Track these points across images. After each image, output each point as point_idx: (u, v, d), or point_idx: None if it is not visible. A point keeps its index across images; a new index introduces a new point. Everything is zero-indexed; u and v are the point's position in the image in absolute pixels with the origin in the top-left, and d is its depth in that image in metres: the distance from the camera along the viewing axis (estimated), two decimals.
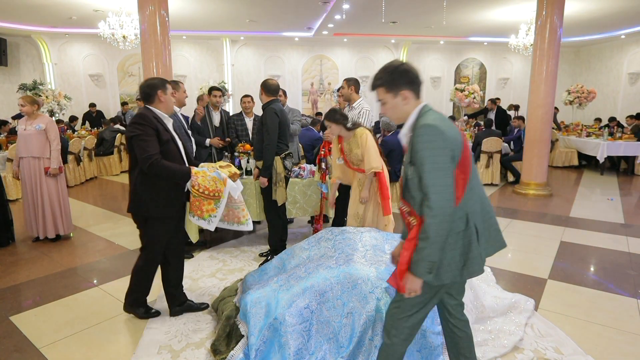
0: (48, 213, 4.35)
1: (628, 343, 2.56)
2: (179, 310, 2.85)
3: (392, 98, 1.69)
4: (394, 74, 1.67)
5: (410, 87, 1.67)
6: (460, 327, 1.90)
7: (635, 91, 11.63)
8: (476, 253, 1.65)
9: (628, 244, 4.31)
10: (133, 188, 2.58)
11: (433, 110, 1.68)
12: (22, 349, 2.51)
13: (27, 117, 4.30)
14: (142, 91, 2.61)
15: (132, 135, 2.49)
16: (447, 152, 1.56)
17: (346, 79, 4.15)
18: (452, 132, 1.60)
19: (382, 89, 1.70)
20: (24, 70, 11.04)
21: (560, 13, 6.16)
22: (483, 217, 1.70)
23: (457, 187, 1.59)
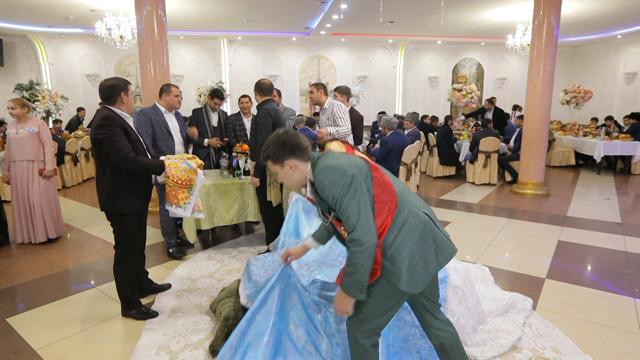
0: (39, 216, 4.30)
1: (626, 342, 2.56)
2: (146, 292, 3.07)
3: (281, 168, 1.76)
4: (275, 147, 1.72)
5: (293, 155, 1.72)
6: (442, 327, 1.88)
7: (631, 91, 11.69)
8: (440, 237, 1.68)
9: (625, 243, 4.33)
10: (107, 188, 2.63)
11: (324, 156, 1.72)
12: (19, 351, 2.50)
13: (17, 120, 4.25)
14: (104, 92, 2.61)
15: (102, 137, 2.51)
16: (355, 179, 1.60)
17: (314, 84, 4.23)
18: (346, 159, 1.66)
19: (270, 161, 1.77)
20: (20, 70, 10.99)
21: (557, 13, 6.18)
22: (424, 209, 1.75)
23: (387, 196, 1.65)
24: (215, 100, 4.69)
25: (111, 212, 2.71)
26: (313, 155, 1.76)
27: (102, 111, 2.64)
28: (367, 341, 1.78)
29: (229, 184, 4.02)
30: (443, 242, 1.68)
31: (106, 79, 2.68)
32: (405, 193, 1.74)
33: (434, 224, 1.69)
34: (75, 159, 7.58)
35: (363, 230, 1.57)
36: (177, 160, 2.75)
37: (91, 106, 11.32)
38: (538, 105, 6.35)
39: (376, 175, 1.69)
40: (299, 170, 1.75)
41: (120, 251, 2.80)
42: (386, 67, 13.33)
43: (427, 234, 1.66)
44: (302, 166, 1.75)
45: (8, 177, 4.34)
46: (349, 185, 1.59)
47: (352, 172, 1.61)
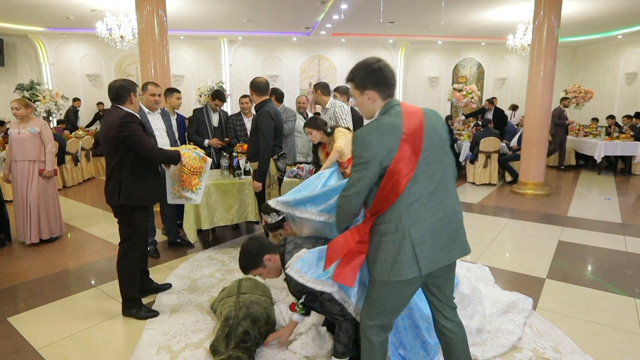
0: (34, 217, 4.29)
1: (626, 342, 2.56)
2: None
3: (359, 95, 1.74)
4: (363, 72, 1.70)
5: (376, 88, 1.70)
6: (452, 328, 1.88)
7: (632, 91, 11.68)
8: (404, 257, 1.65)
9: (626, 243, 4.33)
10: (126, 182, 2.71)
11: (391, 110, 1.70)
12: (20, 350, 2.50)
13: (19, 120, 4.26)
14: (114, 91, 2.74)
15: (126, 134, 2.63)
16: (367, 162, 1.63)
17: (313, 84, 4.22)
18: (378, 140, 1.63)
19: (352, 84, 1.76)
20: (21, 70, 11.00)
21: (558, 13, 6.18)
22: (428, 222, 1.67)
23: (392, 189, 1.64)
24: (217, 101, 4.70)
25: (126, 206, 2.75)
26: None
27: (116, 110, 2.73)
28: (375, 337, 1.82)
29: (230, 184, 4.02)
30: (403, 263, 1.66)
31: (115, 80, 2.82)
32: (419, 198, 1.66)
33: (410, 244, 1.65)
34: (75, 158, 7.59)
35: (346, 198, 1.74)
36: (188, 150, 2.99)
37: (91, 106, 11.34)
38: (538, 105, 6.36)
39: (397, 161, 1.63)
40: (375, 104, 1.73)
41: (126, 246, 2.83)
42: None
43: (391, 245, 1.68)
44: (380, 103, 1.73)
45: (7, 177, 4.35)
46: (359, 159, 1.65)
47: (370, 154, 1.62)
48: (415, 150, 1.64)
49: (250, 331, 2.41)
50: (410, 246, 1.64)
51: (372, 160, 1.62)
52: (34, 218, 4.29)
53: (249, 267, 2.27)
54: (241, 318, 2.48)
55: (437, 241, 1.68)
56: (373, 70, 1.69)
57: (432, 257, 1.67)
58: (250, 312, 2.53)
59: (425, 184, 1.67)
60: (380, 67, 1.69)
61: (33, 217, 4.29)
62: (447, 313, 1.88)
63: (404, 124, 1.65)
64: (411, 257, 1.65)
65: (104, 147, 2.78)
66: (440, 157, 1.70)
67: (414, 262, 1.65)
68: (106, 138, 2.71)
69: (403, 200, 1.65)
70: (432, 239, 1.67)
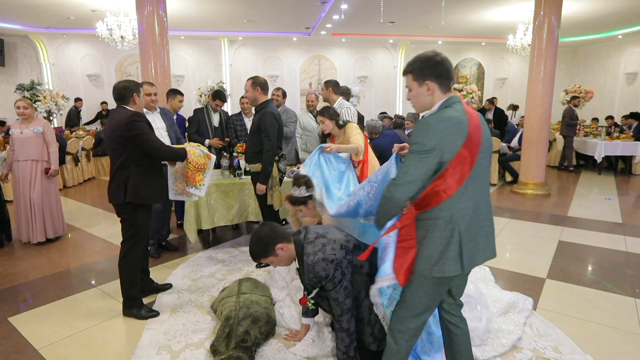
0: (39, 216, 4.31)
1: (626, 342, 2.56)
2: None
3: (418, 87, 1.73)
4: (423, 64, 1.70)
5: (437, 80, 1.69)
6: (456, 323, 1.91)
7: (632, 91, 11.68)
8: (451, 254, 1.66)
9: (626, 243, 4.33)
10: (132, 180, 2.74)
11: (454, 105, 1.68)
12: (21, 350, 2.51)
13: (21, 120, 4.28)
14: (118, 92, 2.78)
15: (135, 133, 2.67)
16: (432, 150, 1.59)
17: (325, 81, 4.19)
18: (447, 131, 1.60)
19: (411, 76, 1.74)
20: (22, 70, 11.01)
21: (558, 13, 6.18)
22: (473, 223, 1.69)
23: (450, 184, 1.62)
24: (217, 101, 4.71)
25: (130, 204, 2.76)
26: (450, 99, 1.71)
27: (122, 110, 2.76)
28: (404, 342, 1.81)
29: (230, 184, 4.02)
30: (449, 260, 1.67)
31: (119, 81, 2.86)
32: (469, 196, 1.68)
33: (457, 241, 1.66)
34: (76, 159, 7.60)
35: (400, 186, 1.65)
36: (192, 147, 3.07)
37: (92, 106, 11.35)
38: (539, 105, 6.36)
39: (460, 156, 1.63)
40: (434, 96, 1.71)
41: (128, 246, 2.84)
42: (387, 67, 13.33)
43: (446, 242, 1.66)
44: (439, 95, 1.70)
45: (6, 177, 4.36)
46: (423, 148, 1.60)
47: (437, 146, 1.59)
48: (475, 151, 1.65)
49: (250, 331, 2.42)
50: (458, 244, 1.65)
51: (434, 150, 1.59)
52: (38, 217, 4.31)
53: (260, 255, 2.21)
54: (241, 318, 2.48)
55: (477, 241, 1.71)
56: (435, 62, 1.68)
57: (473, 256, 1.70)
58: (250, 312, 2.53)
59: (476, 186, 1.69)
60: (443, 60, 1.70)
61: (38, 217, 4.30)
62: (453, 309, 1.91)
63: (469, 122, 1.65)
64: (457, 255, 1.66)
65: (110, 145, 2.79)
66: (488, 162, 1.76)
67: (458, 259, 1.66)
68: (112, 137, 2.72)
69: (456, 198, 1.64)
70: (474, 239, 1.70)
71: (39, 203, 4.30)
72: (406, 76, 1.77)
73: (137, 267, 2.89)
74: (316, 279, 2.10)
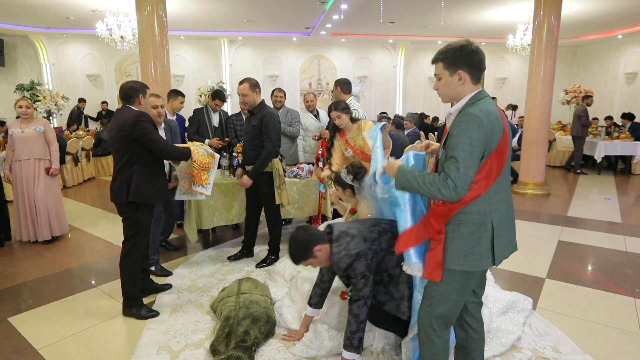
0: (43, 215, 4.32)
1: (626, 341, 2.57)
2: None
3: (449, 76, 1.68)
4: (456, 52, 1.65)
5: (469, 70, 1.65)
6: (475, 327, 1.89)
7: (632, 91, 11.68)
8: (482, 248, 1.66)
9: (625, 243, 4.33)
10: (136, 179, 2.76)
11: (487, 98, 1.65)
12: (20, 350, 2.51)
13: (21, 120, 4.29)
14: (125, 92, 2.81)
15: (141, 133, 2.70)
16: (480, 145, 1.56)
17: (335, 80, 4.18)
18: (491, 125, 1.58)
19: (441, 64, 1.70)
20: (21, 70, 11.01)
21: (558, 13, 6.18)
22: (504, 217, 1.70)
23: (486, 179, 1.62)
24: (217, 101, 4.71)
25: (132, 203, 2.78)
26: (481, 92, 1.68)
27: (128, 110, 2.78)
28: (437, 337, 1.79)
29: (230, 184, 4.02)
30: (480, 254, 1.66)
31: (127, 81, 2.91)
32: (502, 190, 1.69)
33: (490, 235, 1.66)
34: (76, 158, 7.60)
35: (461, 179, 1.56)
36: (197, 147, 3.15)
37: (91, 107, 11.34)
38: (538, 105, 6.36)
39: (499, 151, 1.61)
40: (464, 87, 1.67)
41: (130, 245, 2.85)
42: (386, 67, 13.33)
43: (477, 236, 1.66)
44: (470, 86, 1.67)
45: (9, 177, 4.35)
46: (475, 142, 1.55)
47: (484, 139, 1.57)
48: (507, 145, 1.63)
49: (250, 331, 2.42)
50: (490, 238, 1.65)
51: (482, 144, 1.56)
52: (43, 215, 4.33)
53: (300, 259, 2.19)
54: (241, 318, 2.48)
55: (506, 235, 1.72)
56: (469, 52, 1.64)
57: (503, 250, 1.70)
58: (250, 312, 2.54)
59: (505, 181, 1.70)
60: (476, 50, 1.65)
61: (42, 215, 4.32)
62: (474, 310, 1.89)
63: (503, 117, 1.63)
64: (488, 249, 1.66)
65: (114, 145, 2.80)
66: (510, 158, 1.73)
67: (489, 253, 1.66)
68: (118, 136, 2.74)
69: (491, 193, 1.64)
70: (504, 233, 1.70)
71: (44, 201, 4.32)
72: (436, 64, 1.72)
73: (137, 267, 2.89)
74: (344, 272, 2.14)
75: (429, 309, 1.79)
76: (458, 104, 1.69)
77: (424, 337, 1.82)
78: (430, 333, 1.79)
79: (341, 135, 3.47)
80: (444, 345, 1.82)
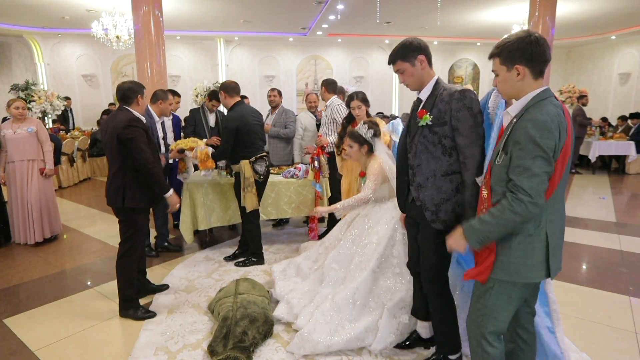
0: (37, 216, 4.29)
1: (621, 339, 2.59)
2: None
3: (506, 71, 1.56)
4: (513, 45, 1.52)
5: (528, 64, 1.51)
6: (526, 338, 1.77)
7: (625, 91, 11.78)
8: (536, 260, 1.55)
9: (620, 242, 4.37)
10: (130, 184, 2.73)
11: (552, 99, 1.50)
12: (17, 352, 2.49)
13: (13, 120, 4.25)
14: (122, 92, 2.79)
15: (130, 137, 2.66)
16: (549, 152, 1.44)
17: (322, 80, 4.26)
18: (558, 130, 1.45)
19: (498, 59, 1.58)
20: (16, 70, 10.93)
21: (553, 14, 6.23)
22: (558, 227, 1.59)
23: (549, 186, 1.49)
24: (214, 102, 4.71)
25: (129, 207, 2.76)
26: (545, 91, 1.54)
27: (124, 112, 2.76)
28: (491, 348, 1.68)
29: (226, 184, 4.02)
30: (534, 266, 1.55)
31: (124, 82, 2.87)
32: (558, 200, 1.59)
33: (545, 246, 1.55)
34: (71, 159, 7.55)
35: (534, 187, 1.43)
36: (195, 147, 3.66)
37: (87, 107, 11.30)
38: None
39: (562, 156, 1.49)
40: (524, 82, 1.54)
41: (127, 247, 2.84)
42: (383, 67, 13.36)
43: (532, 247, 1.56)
44: (530, 82, 1.54)
45: (4, 179, 4.32)
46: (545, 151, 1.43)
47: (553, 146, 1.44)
48: (569, 151, 1.50)
49: (248, 331, 2.42)
50: (544, 249, 1.54)
51: (550, 152, 1.43)
52: (36, 217, 4.28)
53: (399, 55, 2.02)
54: (239, 318, 2.48)
55: (560, 245, 1.61)
56: (529, 43, 1.49)
57: (559, 261, 1.60)
58: (248, 313, 2.54)
59: (561, 189, 1.57)
60: (537, 40, 1.49)
61: (35, 216, 4.28)
62: (526, 321, 1.77)
63: (567, 119, 1.49)
64: (543, 260, 1.54)
65: (107, 147, 2.78)
66: (570, 165, 1.60)
67: (544, 265, 1.55)
68: (111, 138, 2.70)
69: (550, 202, 1.52)
70: (558, 244, 1.59)
71: (37, 203, 4.28)
72: (493, 60, 1.60)
73: (134, 268, 2.88)
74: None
75: (480, 319, 1.68)
76: (517, 103, 1.57)
77: (477, 349, 1.71)
78: (484, 344, 1.69)
79: (353, 127, 3.48)
80: (500, 356, 1.71)
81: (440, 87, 1.98)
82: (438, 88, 1.96)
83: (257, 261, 3.74)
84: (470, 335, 1.75)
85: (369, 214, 2.88)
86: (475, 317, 1.71)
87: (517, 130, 1.49)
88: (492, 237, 1.55)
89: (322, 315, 2.50)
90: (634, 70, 11.46)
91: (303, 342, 2.39)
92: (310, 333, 2.40)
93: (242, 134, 3.48)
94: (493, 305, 1.64)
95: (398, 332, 2.45)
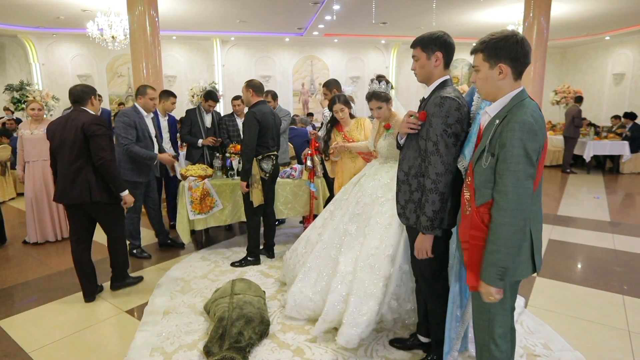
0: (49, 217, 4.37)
1: (615, 338, 2.61)
2: (118, 286, 3.30)
3: (488, 68, 1.55)
4: (498, 43, 1.51)
5: (512, 64, 1.52)
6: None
7: (620, 91, 11.87)
8: (523, 258, 1.57)
9: (614, 241, 4.40)
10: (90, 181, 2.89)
11: (530, 99, 1.52)
12: (11, 354, 2.48)
13: (31, 121, 4.35)
14: (76, 95, 2.96)
15: (99, 133, 2.85)
16: (535, 155, 1.45)
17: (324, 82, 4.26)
18: (542, 132, 1.47)
19: (481, 55, 1.56)
20: (10, 70, 10.87)
21: (547, 15, 6.26)
22: (538, 224, 1.62)
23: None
24: (210, 102, 4.71)
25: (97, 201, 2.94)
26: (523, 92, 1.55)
27: (84, 112, 2.94)
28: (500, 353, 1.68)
29: (223, 185, 4.02)
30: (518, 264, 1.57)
31: (76, 85, 3.04)
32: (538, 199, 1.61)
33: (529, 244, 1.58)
34: None
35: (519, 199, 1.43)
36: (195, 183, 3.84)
37: None
38: None
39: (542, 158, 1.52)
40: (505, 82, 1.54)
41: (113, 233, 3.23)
42: (379, 67, 13.39)
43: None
44: (510, 82, 1.55)
45: (23, 177, 4.38)
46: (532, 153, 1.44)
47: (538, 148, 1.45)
48: (546, 151, 1.53)
49: (244, 332, 2.42)
50: (529, 247, 1.56)
51: (535, 154, 1.43)
52: (62, 215, 4.42)
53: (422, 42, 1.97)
54: (235, 319, 2.48)
55: (541, 241, 1.65)
56: (515, 42, 1.49)
57: (541, 256, 1.62)
58: (243, 313, 2.54)
59: (539, 188, 1.58)
60: (522, 41, 1.50)
61: (62, 215, 4.43)
62: None
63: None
64: (529, 258, 1.58)
65: (67, 144, 2.86)
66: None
67: (530, 262, 1.59)
68: (75, 135, 2.82)
69: (532, 200, 1.54)
70: (539, 240, 1.63)
71: (51, 203, 4.35)
72: (475, 54, 1.58)
73: (125, 251, 3.28)
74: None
75: (486, 325, 1.68)
76: (496, 103, 1.58)
77: (486, 355, 1.72)
78: (493, 349, 1.69)
79: (338, 130, 3.52)
80: (511, 353, 1.73)
81: (441, 89, 1.99)
82: (439, 90, 1.98)
83: (254, 261, 3.74)
84: (478, 342, 1.75)
85: (378, 173, 2.81)
86: (482, 323, 1.71)
87: (503, 133, 1.47)
88: (506, 262, 1.50)
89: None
90: (627, 70, 11.55)
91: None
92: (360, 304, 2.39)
93: (258, 131, 3.55)
94: (494, 308, 1.66)
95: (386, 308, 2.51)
